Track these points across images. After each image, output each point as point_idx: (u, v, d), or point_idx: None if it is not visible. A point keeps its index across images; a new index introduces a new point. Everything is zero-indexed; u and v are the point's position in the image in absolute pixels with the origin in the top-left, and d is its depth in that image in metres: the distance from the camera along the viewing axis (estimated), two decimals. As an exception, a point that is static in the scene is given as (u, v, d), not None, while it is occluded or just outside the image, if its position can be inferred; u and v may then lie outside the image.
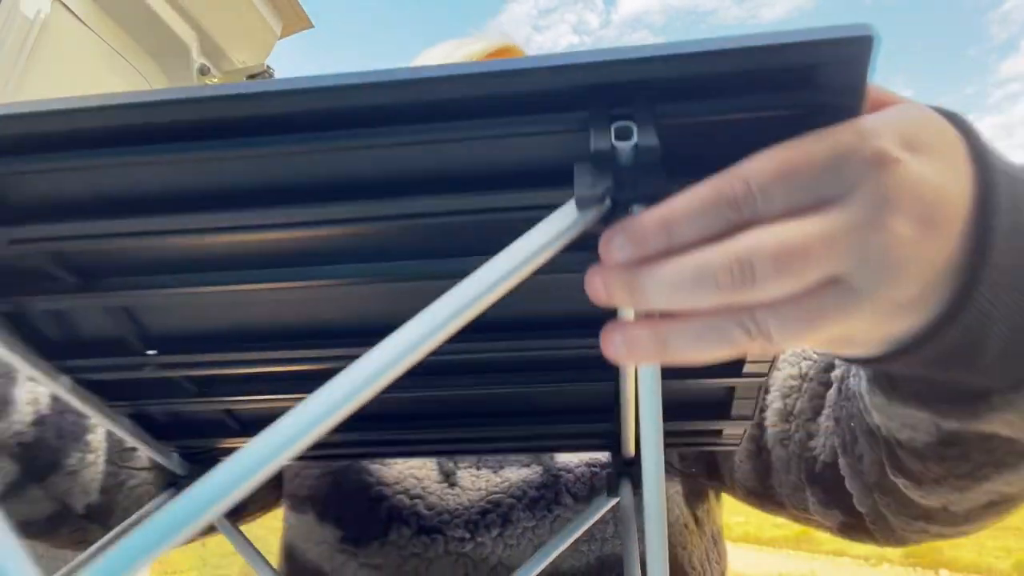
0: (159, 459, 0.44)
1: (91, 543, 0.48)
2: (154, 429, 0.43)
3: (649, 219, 0.20)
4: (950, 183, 0.21)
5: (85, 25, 1.29)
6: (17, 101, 0.23)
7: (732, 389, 0.37)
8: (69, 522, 0.50)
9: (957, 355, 0.25)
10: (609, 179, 0.21)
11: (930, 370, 0.27)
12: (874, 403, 0.34)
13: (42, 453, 0.47)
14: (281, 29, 1.61)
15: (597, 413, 0.39)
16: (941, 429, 0.31)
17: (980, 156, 0.23)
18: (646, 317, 0.22)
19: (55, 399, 0.46)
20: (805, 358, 0.47)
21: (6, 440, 0.46)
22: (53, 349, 0.34)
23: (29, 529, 0.48)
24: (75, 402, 0.37)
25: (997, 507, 0.36)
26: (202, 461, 0.46)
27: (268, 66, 1.56)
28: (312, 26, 1.65)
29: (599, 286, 0.21)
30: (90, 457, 0.48)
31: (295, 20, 1.62)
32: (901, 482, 0.37)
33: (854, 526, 0.45)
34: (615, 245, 0.21)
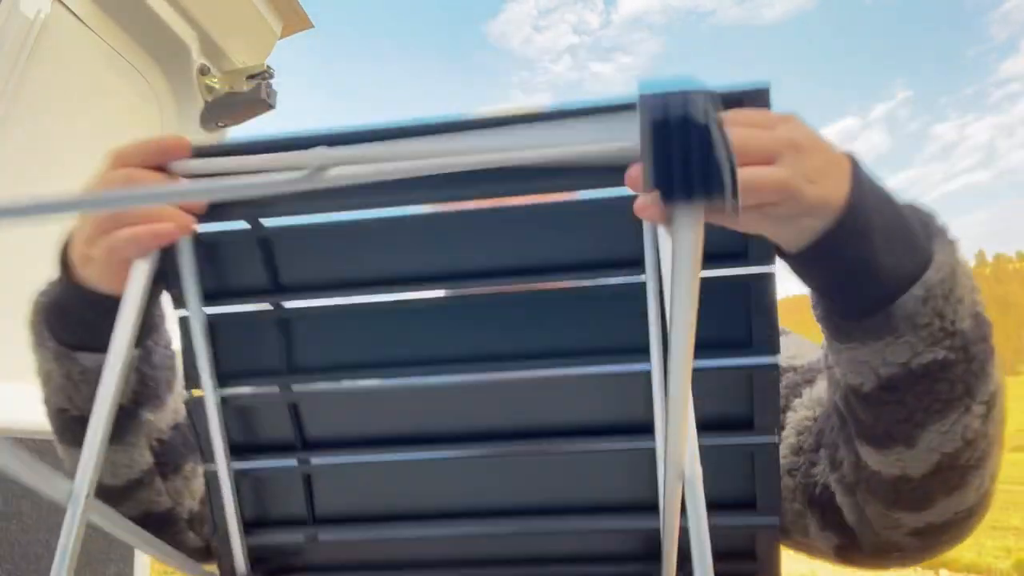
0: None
1: (188, 547, 0.59)
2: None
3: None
4: (839, 168, 0.40)
5: (85, 25, 1.29)
6: None
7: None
8: (177, 524, 0.59)
9: (855, 236, 0.39)
10: None
11: (840, 260, 0.40)
12: (832, 356, 0.46)
13: (170, 454, 0.58)
14: (281, 29, 1.61)
15: None
16: (880, 375, 0.43)
17: (851, 156, 0.42)
18: None
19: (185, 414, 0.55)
20: (820, 404, 0.56)
21: (153, 432, 0.56)
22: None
23: (148, 521, 0.58)
24: None
25: (947, 478, 0.44)
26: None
27: (268, 66, 1.56)
28: (312, 26, 1.65)
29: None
30: (200, 468, 0.56)
31: (295, 20, 1.62)
32: (864, 450, 0.46)
33: (847, 546, 0.52)
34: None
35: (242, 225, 0.47)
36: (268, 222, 0.46)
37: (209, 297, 0.48)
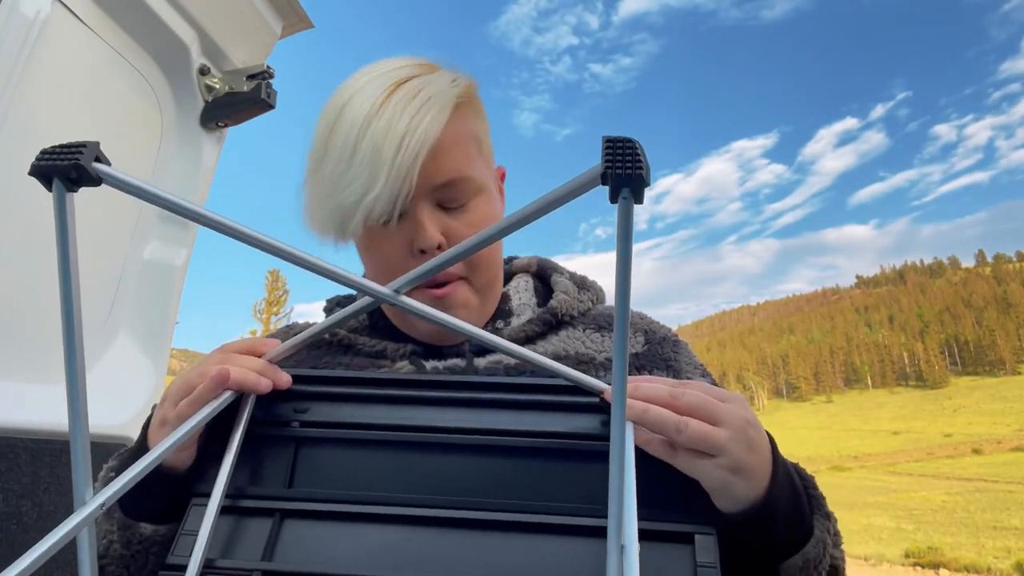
0: None
1: None
2: None
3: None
4: (762, 449, 0.57)
5: (85, 25, 1.29)
6: None
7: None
8: None
9: (767, 518, 0.56)
10: None
11: (756, 526, 0.55)
12: None
13: None
14: (281, 29, 1.61)
15: None
16: None
17: (770, 440, 0.59)
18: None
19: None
20: None
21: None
22: None
23: None
24: None
25: None
26: None
27: (268, 66, 1.56)
28: (312, 26, 1.65)
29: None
30: None
31: (295, 20, 1.62)
32: None
33: None
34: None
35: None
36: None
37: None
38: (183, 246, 1.56)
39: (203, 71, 1.52)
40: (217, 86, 1.55)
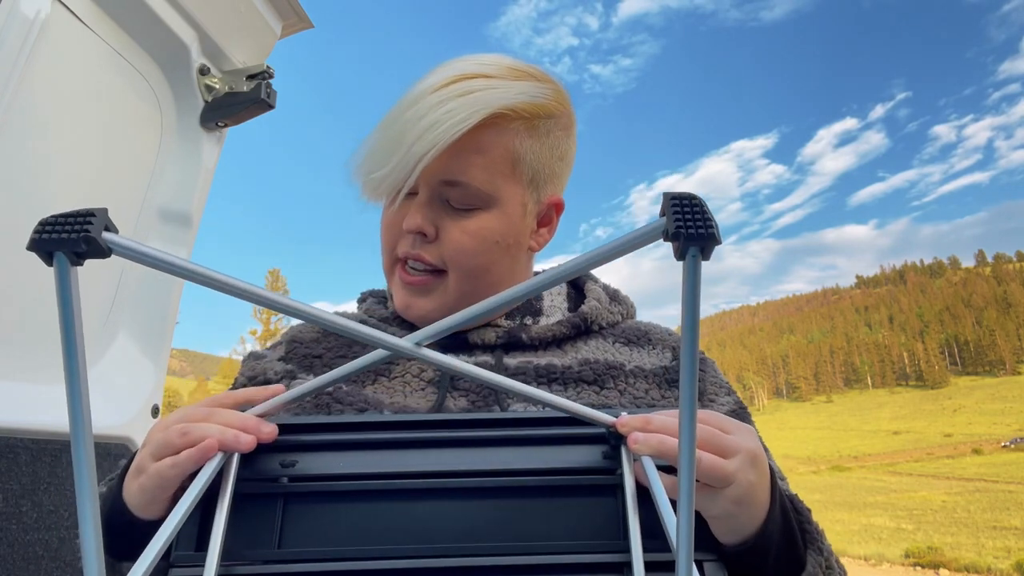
0: None
1: None
2: None
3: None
4: (764, 482, 0.57)
5: (85, 25, 1.29)
6: None
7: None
8: None
9: (760, 547, 0.57)
10: None
11: (752, 557, 0.56)
12: None
13: None
14: (281, 29, 1.61)
15: None
16: None
17: (771, 470, 0.60)
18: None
19: None
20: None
21: None
22: None
23: None
24: None
25: None
26: None
27: (268, 66, 1.56)
28: (312, 26, 1.65)
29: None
30: None
31: (295, 20, 1.62)
32: None
33: None
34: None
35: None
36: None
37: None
38: (183, 246, 1.56)
39: (203, 71, 1.52)
40: (217, 86, 1.55)
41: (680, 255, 0.34)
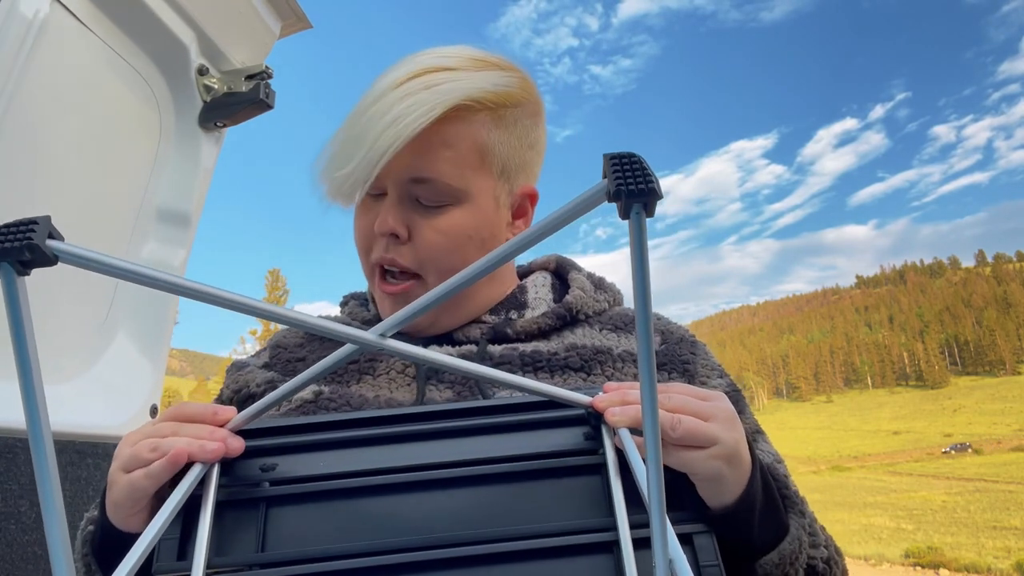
0: None
1: None
2: None
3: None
4: (745, 443, 0.58)
5: (84, 25, 1.29)
6: None
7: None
8: None
9: (746, 511, 0.57)
10: None
11: (738, 522, 0.56)
12: None
13: None
14: (280, 29, 1.61)
15: None
16: None
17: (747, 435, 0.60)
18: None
19: None
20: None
21: None
22: None
23: None
24: None
25: None
26: None
27: (267, 66, 1.56)
28: (311, 26, 1.65)
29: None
30: None
31: (294, 20, 1.62)
32: None
33: None
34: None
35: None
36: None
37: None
38: (181, 246, 1.56)
39: (202, 71, 1.52)
40: (216, 86, 1.55)
41: (624, 214, 0.34)
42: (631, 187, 0.34)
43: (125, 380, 1.45)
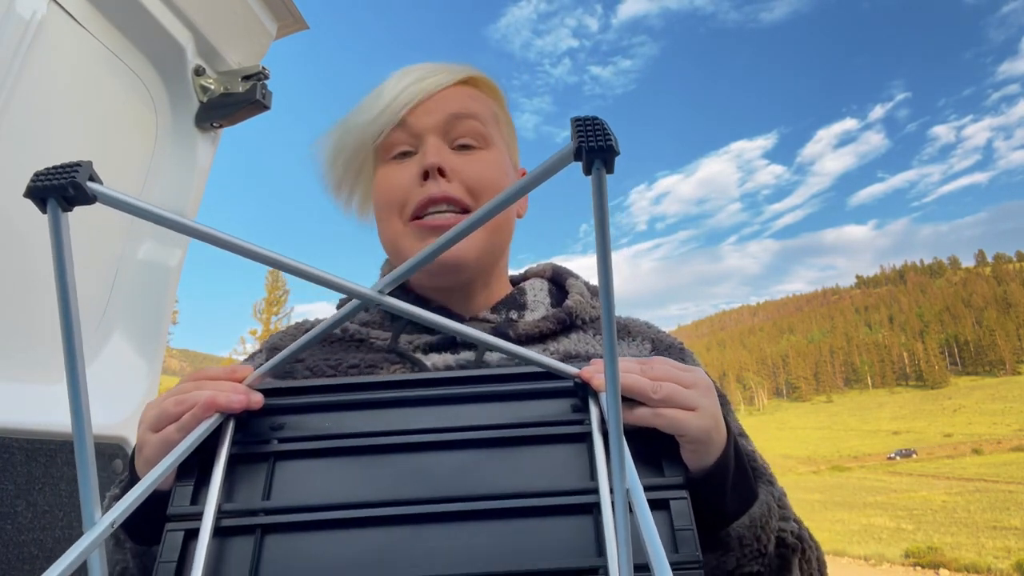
0: None
1: None
2: None
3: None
4: (720, 411, 0.61)
5: (81, 26, 1.30)
6: None
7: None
8: None
9: (721, 475, 0.60)
10: None
11: (713, 486, 0.59)
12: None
13: None
14: (276, 30, 1.61)
15: None
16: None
17: (724, 406, 0.68)
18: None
19: None
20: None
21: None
22: None
23: None
24: None
25: None
26: None
27: (263, 67, 1.56)
28: (307, 27, 1.65)
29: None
30: None
31: (290, 21, 1.62)
32: None
33: None
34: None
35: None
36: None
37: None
38: (178, 246, 1.56)
39: (198, 72, 1.53)
40: (212, 87, 1.55)
41: (586, 169, 0.37)
42: (591, 144, 0.37)
43: (121, 379, 1.45)
